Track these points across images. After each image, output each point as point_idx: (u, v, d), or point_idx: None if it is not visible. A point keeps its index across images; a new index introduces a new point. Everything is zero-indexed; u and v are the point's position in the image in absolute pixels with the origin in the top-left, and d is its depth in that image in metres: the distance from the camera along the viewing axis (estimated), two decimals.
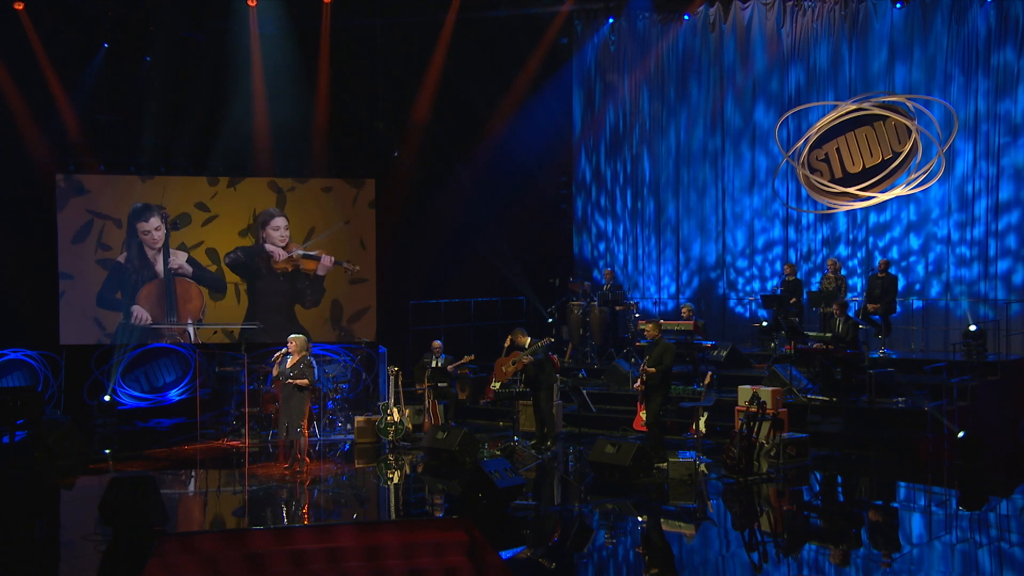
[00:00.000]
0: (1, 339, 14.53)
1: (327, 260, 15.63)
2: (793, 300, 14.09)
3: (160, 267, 15.16)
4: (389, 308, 15.99)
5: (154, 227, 15.14)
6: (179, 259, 15.27)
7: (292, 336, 11.18)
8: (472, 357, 13.74)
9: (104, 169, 15.17)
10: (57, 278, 14.87)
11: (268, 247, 15.46)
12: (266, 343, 14.98)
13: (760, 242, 15.91)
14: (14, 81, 14.35)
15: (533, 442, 11.87)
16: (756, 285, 15.90)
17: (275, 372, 11.17)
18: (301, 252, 15.50)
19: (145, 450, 12.45)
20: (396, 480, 11.29)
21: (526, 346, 11.77)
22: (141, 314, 15.03)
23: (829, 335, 12.25)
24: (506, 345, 13.23)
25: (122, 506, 8.24)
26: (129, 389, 15.28)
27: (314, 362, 11.32)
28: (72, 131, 14.89)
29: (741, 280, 16.12)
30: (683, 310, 13.93)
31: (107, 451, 12.68)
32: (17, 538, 8.74)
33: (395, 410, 12.38)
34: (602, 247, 17.54)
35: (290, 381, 10.85)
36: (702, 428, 11.04)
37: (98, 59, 15.10)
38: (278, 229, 15.54)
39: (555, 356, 12.40)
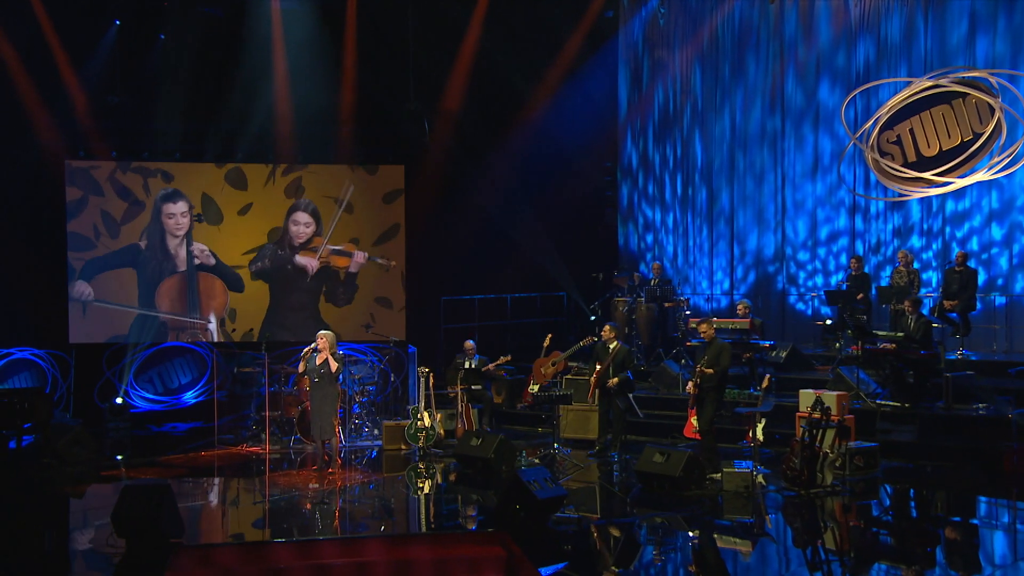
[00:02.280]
0: (7, 337, 14.80)
1: (360, 256, 15.77)
2: (860, 296, 13.94)
3: (182, 259, 15.41)
4: (419, 304, 16.06)
5: (180, 212, 15.40)
6: (202, 249, 15.48)
7: (322, 332, 11.37)
8: (509, 357, 13.77)
9: (116, 155, 15.39)
10: (66, 272, 15.11)
11: (299, 259, 15.68)
12: (288, 342, 15.13)
13: (824, 233, 15.77)
14: (21, 61, 14.58)
15: (597, 449, 11.95)
16: (819, 280, 15.76)
17: (302, 368, 11.31)
18: (330, 249, 15.66)
19: (160, 456, 12.63)
20: (427, 490, 11.34)
21: (610, 345, 11.80)
22: (83, 289, 15.24)
23: (900, 334, 12.10)
24: (545, 344, 13.29)
25: (136, 516, 8.34)
26: (142, 391, 15.51)
27: (344, 357, 11.47)
28: (82, 114, 15.10)
29: (802, 274, 15.98)
30: (739, 307, 13.84)
31: (119, 457, 12.85)
32: (25, 550, 8.90)
33: (426, 414, 12.43)
34: (650, 238, 17.49)
35: (324, 357, 11.01)
36: (760, 436, 10.97)
37: (109, 37, 15.29)
38: (298, 224, 15.67)
39: None
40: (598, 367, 11.83)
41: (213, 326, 15.46)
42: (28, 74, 14.66)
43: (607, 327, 12.09)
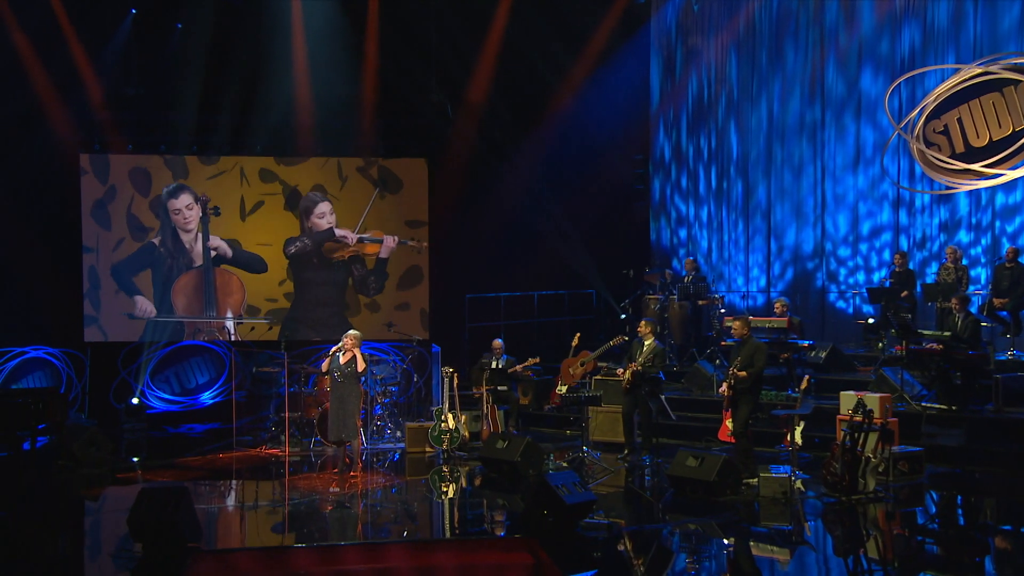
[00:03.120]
0: (21, 335, 14.98)
1: (390, 241, 15.85)
2: (905, 293, 13.82)
3: (197, 254, 15.51)
4: (443, 302, 16.08)
5: (185, 205, 15.49)
6: (216, 241, 15.62)
7: (351, 332, 11.52)
8: (537, 359, 13.76)
9: (132, 149, 15.52)
10: (81, 269, 15.25)
11: (339, 232, 15.74)
12: (311, 340, 15.20)
13: (866, 228, 15.62)
14: (35, 51, 14.70)
15: (626, 452, 11.94)
16: (861, 277, 15.63)
17: (325, 367, 11.38)
18: (357, 236, 15.76)
19: (177, 458, 12.72)
20: (451, 494, 11.36)
21: (646, 342, 11.81)
22: (146, 306, 15.40)
23: (947, 334, 11.98)
24: (573, 344, 13.27)
25: (153, 520, 8.41)
26: (159, 391, 15.64)
27: (369, 357, 11.56)
28: (97, 107, 15.23)
29: (843, 271, 15.86)
30: (776, 305, 13.76)
31: (136, 459, 12.99)
32: (39, 553, 8.99)
33: (450, 416, 12.45)
34: (683, 234, 17.42)
35: (350, 356, 11.07)
36: (798, 439, 10.90)
37: (125, 26, 15.41)
38: (323, 216, 15.79)
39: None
40: (632, 364, 11.80)
41: (231, 325, 15.54)
42: (42, 65, 14.78)
43: (643, 322, 12.07)
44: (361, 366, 11.21)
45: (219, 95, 15.45)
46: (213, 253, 15.64)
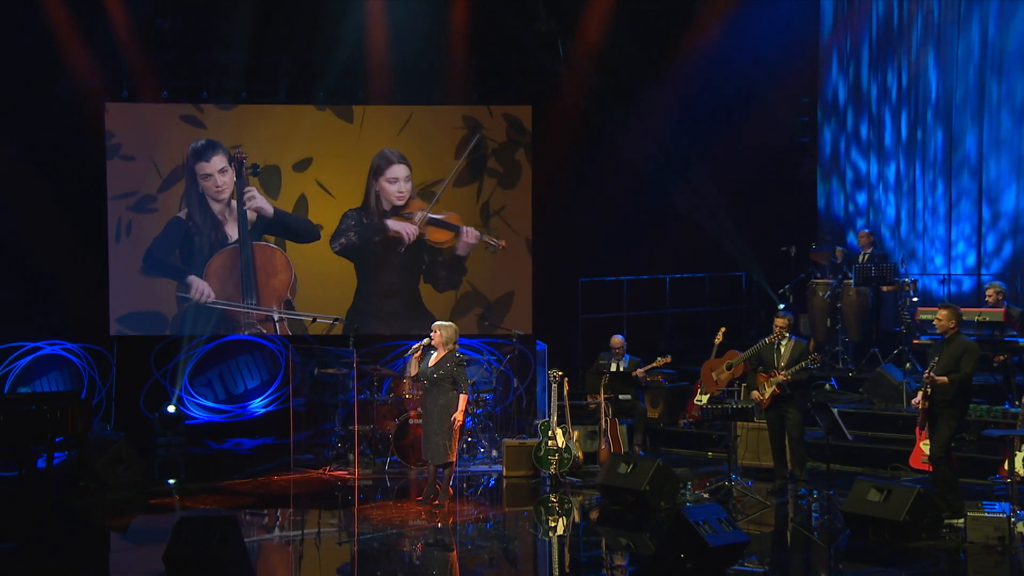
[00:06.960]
0: (35, 327, 15.45)
1: (470, 235, 15.80)
2: None
3: (232, 228, 15.71)
4: (550, 288, 16.08)
5: (217, 169, 15.66)
6: (257, 202, 15.74)
7: (438, 324, 11.45)
8: (668, 359, 13.68)
9: (168, 96, 15.81)
10: (106, 247, 15.62)
11: (392, 224, 15.79)
12: (382, 335, 15.32)
13: None
14: None
15: (778, 483, 11.88)
16: None
17: (413, 371, 11.45)
18: (428, 216, 15.74)
19: (222, 481, 12.98)
20: (561, 530, 11.37)
21: (782, 344, 11.78)
22: (202, 288, 15.59)
23: None
24: (717, 341, 13.12)
25: (194, 556, 8.57)
26: (199, 397, 15.97)
27: (465, 360, 11.56)
28: (125, 44, 15.51)
29: None
30: (988, 292, 13.49)
31: (172, 481, 13.30)
32: None
33: (559, 432, 12.46)
34: (862, 199, 17.17)
35: (440, 356, 11.12)
36: (1019, 469, 10.65)
37: None
38: (396, 181, 15.84)
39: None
40: (775, 373, 11.69)
41: (276, 316, 15.67)
42: None
43: (781, 318, 11.98)
44: (462, 404, 11.18)
45: (273, 30, 15.61)
46: (253, 216, 15.74)
